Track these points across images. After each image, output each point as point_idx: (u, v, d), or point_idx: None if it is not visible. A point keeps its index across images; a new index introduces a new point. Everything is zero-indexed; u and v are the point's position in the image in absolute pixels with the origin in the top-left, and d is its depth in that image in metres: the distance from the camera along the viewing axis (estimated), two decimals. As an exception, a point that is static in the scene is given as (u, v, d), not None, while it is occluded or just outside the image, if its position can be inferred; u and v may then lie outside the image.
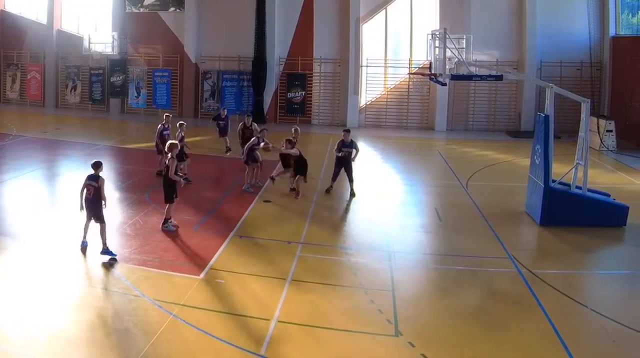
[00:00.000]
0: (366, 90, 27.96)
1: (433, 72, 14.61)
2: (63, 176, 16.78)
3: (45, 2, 31.31)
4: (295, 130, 15.43)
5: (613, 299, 9.23)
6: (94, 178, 10.38)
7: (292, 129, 15.52)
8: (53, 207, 13.78)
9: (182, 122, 16.18)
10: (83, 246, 10.46)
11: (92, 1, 31.08)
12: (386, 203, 14.54)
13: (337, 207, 14.36)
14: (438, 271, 10.30)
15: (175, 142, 12.19)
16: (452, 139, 24.64)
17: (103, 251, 10.24)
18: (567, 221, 12.37)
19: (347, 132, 14.82)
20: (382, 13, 27.51)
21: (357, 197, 14.72)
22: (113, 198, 13.54)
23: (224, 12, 28.38)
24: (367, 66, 27.70)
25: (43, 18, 31.68)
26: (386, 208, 14.07)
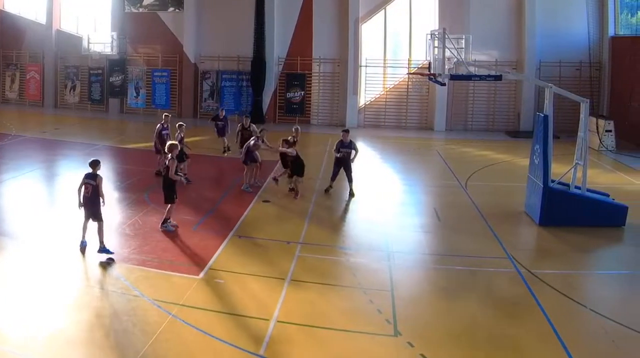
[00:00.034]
0: (365, 90, 27.97)
1: (432, 72, 14.60)
2: (62, 176, 16.77)
3: (44, 2, 31.30)
4: (295, 129, 15.46)
5: (612, 299, 9.23)
6: (92, 176, 10.40)
7: (293, 129, 15.54)
8: (52, 207, 13.78)
9: (182, 123, 16.18)
10: (82, 246, 10.45)
11: (91, 1, 31.08)
12: (385, 203, 14.54)
13: (336, 207, 14.36)
14: (437, 271, 10.30)
15: (175, 143, 12.21)
16: (451, 139, 24.64)
17: (100, 250, 10.27)
18: (566, 221, 12.37)
19: (346, 133, 14.83)
20: (381, 13, 27.54)
21: (356, 197, 14.72)
22: (112, 198, 13.55)
23: (223, 12, 28.38)
24: (366, 66, 27.71)
25: (42, 18, 31.68)
26: (385, 208, 14.07)
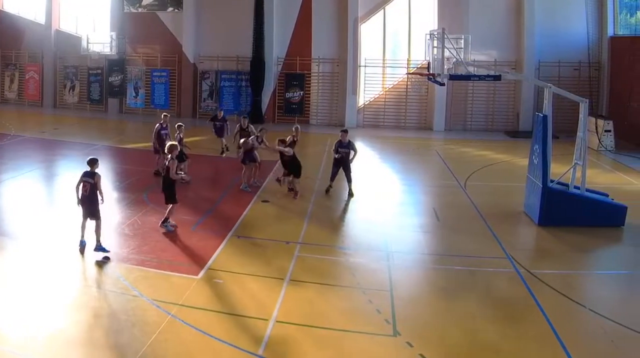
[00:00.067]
0: (364, 90, 27.96)
1: (431, 72, 14.60)
2: (61, 176, 16.76)
3: (43, 2, 31.28)
4: (295, 128, 15.46)
5: (611, 299, 9.24)
6: (90, 175, 10.41)
7: (293, 128, 15.55)
8: (51, 207, 13.77)
9: (181, 124, 16.21)
10: (81, 246, 10.44)
11: (91, 1, 31.06)
12: (384, 203, 14.54)
13: (336, 207, 14.36)
14: (436, 271, 10.30)
15: (175, 144, 12.22)
16: (451, 139, 24.64)
17: (96, 248, 10.30)
18: (566, 221, 12.37)
19: (345, 133, 14.82)
20: (381, 13, 27.53)
21: (356, 197, 14.72)
22: (111, 198, 13.54)
23: (223, 12, 28.37)
24: (366, 66, 27.71)
25: (41, 18, 31.65)
26: (384, 208, 14.07)
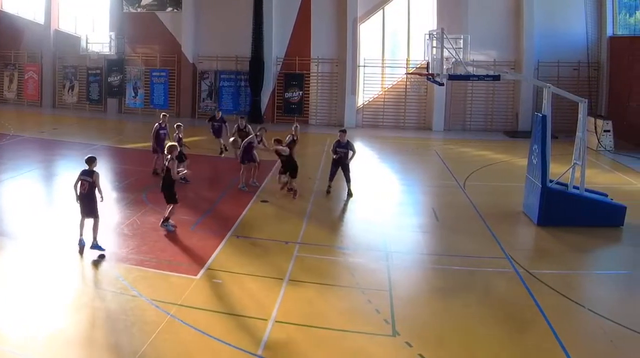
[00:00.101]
0: (363, 90, 27.97)
1: (430, 72, 14.59)
2: (60, 176, 16.73)
3: (42, 2, 31.26)
4: (295, 128, 15.53)
5: (611, 299, 9.24)
6: (88, 173, 10.43)
7: (293, 127, 15.59)
8: (50, 207, 13.76)
9: (180, 124, 16.23)
10: (80, 245, 10.45)
11: (90, 1, 31.05)
12: (383, 203, 14.53)
13: (335, 207, 14.35)
14: (435, 271, 10.30)
15: (174, 144, 12.22)
16: (450, 139, 24.65)
17: (92, 246, 10.33)
18: (565, 221, 12.37)
19: (343, 133, 14.82)
20: (380, 13, 27.55)
21: (355, 197, 14.72)
22: (110, 198, 13.53)
23: (222, 12, 28.36)
24: (365, 66, 27.72)
25: (40, 18, 31.63)
26: (383, 208, 14.06)
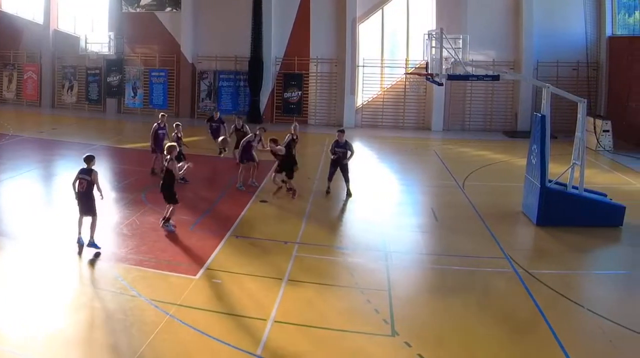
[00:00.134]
0: (363, 90, 27.96)
1: (429, 72, 14.59)
2: (59, 176, 16.69)
3: (41, 2, 31.21)
4: (294, 127, 15.56)
5: (610, 299, 9.25)
6: (87, 171, 10.46)
7: (292, 126, 15.62)
8: (50, 207, 13.74)
9: (178, 123, 16.27)
10: (80, 243, 10.46)
11: (89, 1, 31.02)
12: (383, 203, 14.53)
13: (334, 207, 14.35)
14: (434, 271, 10.31)
15: (174, 144, 12.22)
16: (449, 139, 24.65)
17: (89, 244, 10.39)
18: (564, 221, 12.38)
19: (342, 133, 14.82)
20: (379, 13, 27.55)
21: (354, 197, 14.72)
22: (109, 198, 13.52)
23: (221, 12, 28.35)
24: (364, 66, 27.72)
25: (39, 18, 31.59)
26: (383, 208, 14.07)
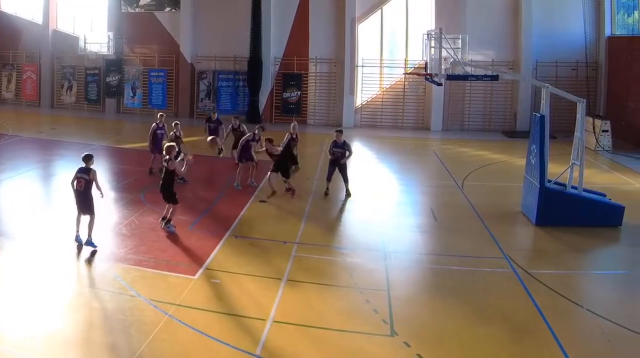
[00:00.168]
0: (362, 90, 27.96)
1: (429, 72, 14.59)
2: (59, 176, 16.67)
3: (41, 2, 31.19)
4: (293, 126, 15.57)
5: (609, 299, 9.25)
6: (85, 171, 10.50)
7: (291, 126, 15.62)
8: (49, 207, 13.73)
9: (177, 122, 16.30)
10: (78, 242, 10.46)
11: (88, 1, 31.00)
12: (382, 203, 14.53)
13: (333, 207, 14.35)
14: (434, 271, 10.31)
15: (173, 144, 12.17)
16: (448, 139, 24.65)
17: (86, 242, 10.41)
18: (563, 221, 12.39)
19: (340, 133, 14.82)
20: (378, 13, 27.56)
21: (353, 197, 14.72)
22: (108, 198, 13.50)
23: (220, 12, 28.34)
24: (363, 66, 27.72)
25: (39, 18, 31.56)
26: (382, 208, 14.07)
